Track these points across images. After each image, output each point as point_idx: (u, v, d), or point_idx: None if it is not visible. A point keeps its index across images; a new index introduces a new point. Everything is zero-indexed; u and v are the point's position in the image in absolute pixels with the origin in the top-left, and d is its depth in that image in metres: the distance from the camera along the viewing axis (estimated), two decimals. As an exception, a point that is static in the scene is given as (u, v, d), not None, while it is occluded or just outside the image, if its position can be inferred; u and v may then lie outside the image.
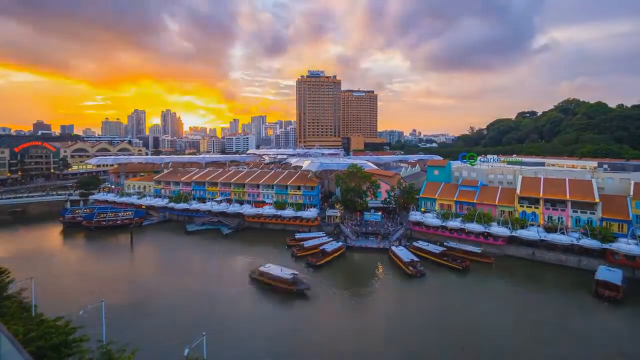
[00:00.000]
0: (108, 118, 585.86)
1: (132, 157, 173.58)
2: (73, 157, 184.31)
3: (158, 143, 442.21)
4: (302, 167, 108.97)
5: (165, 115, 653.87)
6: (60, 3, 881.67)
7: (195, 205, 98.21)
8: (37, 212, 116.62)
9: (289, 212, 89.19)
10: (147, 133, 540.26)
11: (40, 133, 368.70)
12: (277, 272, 55.00)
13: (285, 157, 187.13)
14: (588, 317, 47.56)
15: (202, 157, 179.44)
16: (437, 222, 77.28)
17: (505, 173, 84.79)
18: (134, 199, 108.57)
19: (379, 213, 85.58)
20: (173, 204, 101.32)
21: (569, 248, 63.55)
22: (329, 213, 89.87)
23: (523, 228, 69.01)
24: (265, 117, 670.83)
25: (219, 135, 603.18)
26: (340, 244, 72.75)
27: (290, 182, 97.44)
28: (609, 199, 66.54)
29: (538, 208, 71.18)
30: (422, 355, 38.63)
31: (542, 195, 70.51)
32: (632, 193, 65.09)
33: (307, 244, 71.70)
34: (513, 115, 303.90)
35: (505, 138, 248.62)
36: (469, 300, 51.56)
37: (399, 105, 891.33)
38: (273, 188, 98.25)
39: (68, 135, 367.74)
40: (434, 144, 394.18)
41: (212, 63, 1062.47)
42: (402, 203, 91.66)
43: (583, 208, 67.17)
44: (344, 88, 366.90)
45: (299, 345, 40.54)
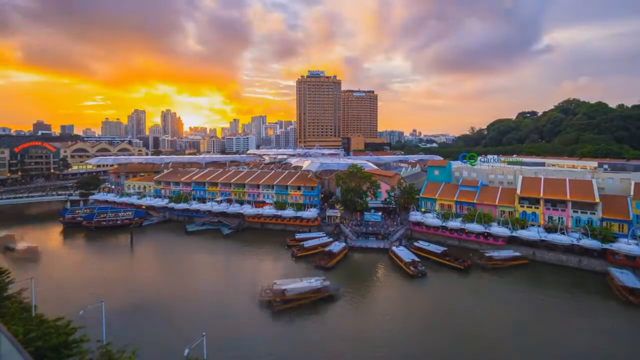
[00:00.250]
0: (108, 118, 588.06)
1: (132, 157, 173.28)
2: (73, 157, 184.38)
3: (158, 143, 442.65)
4: (302, 167, 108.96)
5: (166, 116, 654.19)
6: (93, 9, 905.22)
7: (196, 206, 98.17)
8: (37, 212, 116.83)
9: (289, 212, 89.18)
10: (147, 133, 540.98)
11: (40, 133, 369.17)
12: (302, 285, 48.45)
13: (286, 157, 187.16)
14: (597, 317, 47.52)
15: (202, 157, 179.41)
16: (437, 222, 77.28)
17: (506, 173, 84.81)
18: (134, 199, 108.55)
19: (379, 213, 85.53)
20: (173, 204, 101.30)
21: (569, 248, 63.50)
22: (329, 213, 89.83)
23: (523, 228, 69.00)
24: (266, 117, 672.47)
25: (219, 136, 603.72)
26: (344, 245, 72.49)
27: (291, 182, 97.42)
28: (610, 199, 66.54)
29: (538, 208, 71.13)
30: (425, 356, 38.52)
31: (542, 196, 70.47)
32: (632, 193, 65.11)
33: (307, 244, 71.74)
34: (513, 116, 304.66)
35: (506, 138, 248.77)
36: (470, 301, 51.46)
37: (399, 106, 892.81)
38: (273, 188, 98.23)
39: (68, 136, 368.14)
40: (434, 144, 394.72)
41: (224, 65, 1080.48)
42: (402, 203, 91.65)
43: (583, 208, 67.13)
44: (348, 88, 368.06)
45: (300, 346, 40.48)
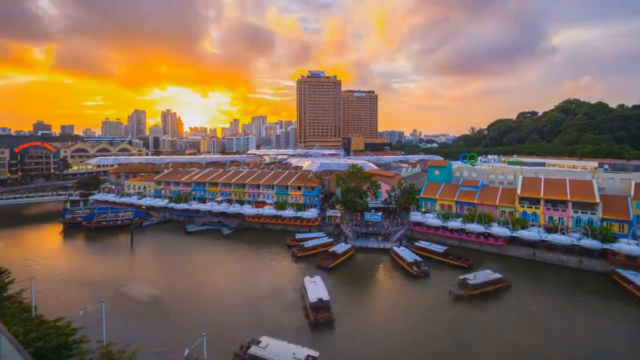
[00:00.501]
0: (108, 118, 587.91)
1: (132, 157, 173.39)
2: (73, 157, 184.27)
3: (158, 143, 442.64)
4: (302, 167, 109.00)
5: (166, 116, 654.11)
6: (128, 21, 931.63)
7: (196, 206, 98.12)
8: (37, 212, 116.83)
9: (290, 212, 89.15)
10: (147, 133, 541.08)
11: (40, 133, 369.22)
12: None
13: (286, 157, 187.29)
14: (597, 317, 47.49)
15: (202, 157, 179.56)
16: (437, 222, 77.20)
17: (506, 173, 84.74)
18: (134, 200, 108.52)
19: (380, 213, 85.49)
20: (173, 204, 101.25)
21: (570, 248, 63.42)
22: (330, 213, 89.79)
23: (523, 228, 68.87)
24: (266, 117, 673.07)
25: (219, 136, 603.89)
26: (349, 246, 72.07)
27: (291, 182, 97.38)
28: (610, 199, 66.45)
29: (539, 208, 71.08)
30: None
31: (542, 196, 70.40)
32: (632, 193, 65.00)
33: (307, 244, 71.68)
34: (514, 116, 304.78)
35: (506, 138, 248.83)
36: (474, 301, 51.31)
37: (400, 106, 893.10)
38: (273, 188, 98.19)
39: (68, 136, 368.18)
40: (435, 144, 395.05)
41: (240, 68, 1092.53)
42: (402, 203, 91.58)
43: (584, 208, 67.04)
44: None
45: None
